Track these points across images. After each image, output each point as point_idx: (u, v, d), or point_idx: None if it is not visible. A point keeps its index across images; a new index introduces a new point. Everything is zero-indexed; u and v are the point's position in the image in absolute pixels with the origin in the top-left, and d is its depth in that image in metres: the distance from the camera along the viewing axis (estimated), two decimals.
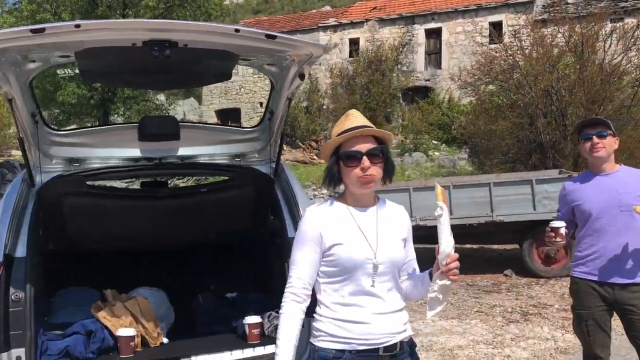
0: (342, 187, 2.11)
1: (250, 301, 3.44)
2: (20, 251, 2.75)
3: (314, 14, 33.91)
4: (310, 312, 2.08)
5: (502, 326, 6.26)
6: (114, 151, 3.26)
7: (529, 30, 14.64)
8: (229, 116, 28.47)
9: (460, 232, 8.76)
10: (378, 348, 2.04)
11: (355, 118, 2.08)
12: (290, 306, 2.05)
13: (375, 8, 28.01)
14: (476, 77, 14.42)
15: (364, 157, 1.99)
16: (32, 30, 2.18)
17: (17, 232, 2.80)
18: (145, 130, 3.23)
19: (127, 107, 22.27)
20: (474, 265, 9.39)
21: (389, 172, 2.08)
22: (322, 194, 12.97)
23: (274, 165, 3.48)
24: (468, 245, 10.48)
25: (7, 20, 20.53)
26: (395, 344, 2.07)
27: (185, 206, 3.47)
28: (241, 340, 3.10)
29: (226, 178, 3.77)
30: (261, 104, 28.10)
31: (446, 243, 1.96)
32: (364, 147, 2.01)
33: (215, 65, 2.82)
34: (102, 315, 2.99)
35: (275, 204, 3.30)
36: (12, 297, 2.65)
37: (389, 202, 2.19)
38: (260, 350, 3.00)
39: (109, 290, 3.21)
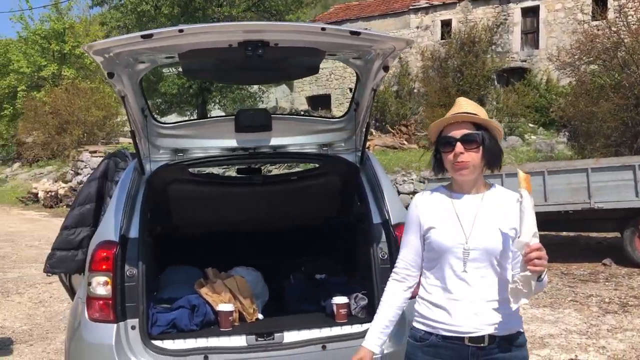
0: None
1: (338, 282, 3.61)
2: (134, 232, 3.08)
3: None
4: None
5: (598, 317, 6.06)
6: (213, 142, 3.54)
7: (636, 4, 13.69)
8: (319, 102, 28.87)
9: (555, 219, 8.60)
10: (463, 337, 2.04)
11: (461, 105, 2.11)
12: (390, 284, 2.25)
13: None
14: (576, 56, 13.72)
15: (457, 143, 2.02)
16: (142, 36, 2.45)
17: (131, 215, 3.13)
18: (240, 122, 3.48)
19: (223, 95, 23.19)
20: (570, 253, 9.08)
21: (490, 160, 2.05)
22: (412, 179, 12.94)
23: (359, 154, 3.62)
24: (564, 233, 10.13)
25: (114, 15, 21.96)
26: (483, 336, 2.02)
27: (278, 192, 3.69)
28: (329, 319, 3.27)
29: (315, 166, 3.95)
30: (351, 89, 28.14)
31: (526, 232, 1.92)
32: (458, 132, 2.04)
33: (303, 61, 3.00)
34: (205, 292, 3.28)
35: (360, 190, 3.44)
36: (127, 273, 2.98)
37: (503, 189, 2.15)
38: (347, 329, 3.17)
39: (209, 269, 3.51)
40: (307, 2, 22.45)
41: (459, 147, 2.02)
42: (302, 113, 22.09)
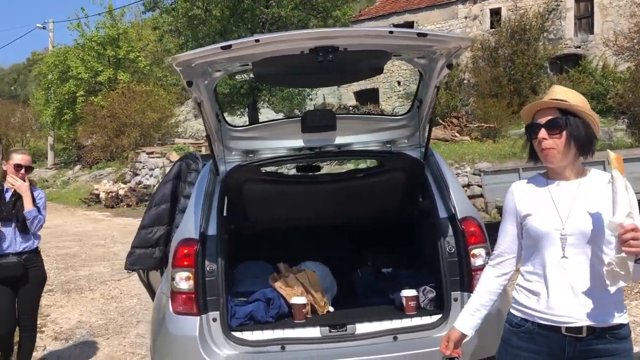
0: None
1: (405, 276, 3.72)
2: (212, 230, 3.27)
3: None
4: None
5: None
6: (281, 142, 3.70)
7: None
8: (367, 97, 28.85)
9: None
10: (560, 327, 2.02)
11: (553, 92, 2.12)
12: (485, 270, 2.32)
13: None
14: (635, 40, 13.31)
15: (541, 129, 2.04)
16: (222, 47, 2.62)
17: (208, 214, 3.33)
18: (307, 123, 3.63)
19: (272, 94, 23.49)
20: None
21: (578, 146, 2.03)
22: (466, 172, 12.83)
23: (423, 150, 3.71)
24: None
25: (166, 19, 22.58)
26: (581, 327, 1.99)
27: (345, 189, 3.82)
28: (399, 311, 3.38)
29: (378, 163, 4.07)
30: (399, 82, 28.11)
31: (619, 212, 1.87)
32: (544, 119, 2.05)
33: (370, 63, 3.11)
34: (278, 285, 3.45)
35: (426, 186, 3.53)
36: (207, 268, 3.17)
37: (601, 173, 2.13)
38: (417, 321, 3.27)
39: (281, 264, 3.67)
40: None
41: (542, 133, 2.04)
42: (351, 109, 22.18)
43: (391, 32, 2.71)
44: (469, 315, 2.29)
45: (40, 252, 4.55)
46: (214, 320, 3.12)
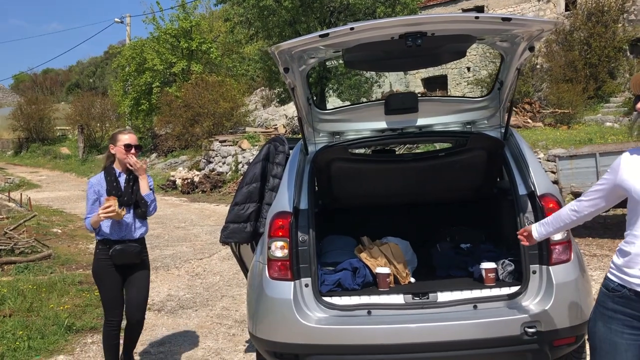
0: None
1: (483, 250, 3.88)
2: (303, 204, 3.56)
3: None
4: None
5: None
6: (365, 124, 3.94)
7: None
8: (435, 83, 28.56)
9: None
10: None
11: None
12: (567, 205, 2.71)
13: None
14: None
15: None
16: (320, 36, 2.88)
17: (300, 190, 3.61)
18: (390, 105, 3.85)
19: (340, 83, 23.72)
20: None
21: None
22: (539, 158, 12.64)
23: (503, 131, 3.85)
24: None
25: (237, 10, 23.19)
26: None
27: (428, 168, 4.01)
28: (478, 282, 3.56)
29: (459, 144, 4.23)
30: (468, 69, 27.65)
31: None
32: None
33: (455, 47, 3.29)
34: (364, 256, 3.71)
35: (506, 164, 3.68)
36: (300, 239, 3.46)
37: None
38: (496, 291, 3.44)
39: (365, 237, 3.93)
40: None
41: None
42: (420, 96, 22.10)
43: (477, 17, 2.88)
44: (540, 225, 2.85)
45: None
46: (306, 285, 3.41)
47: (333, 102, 25.15)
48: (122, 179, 4.19)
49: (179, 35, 28.83)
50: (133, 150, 4.19)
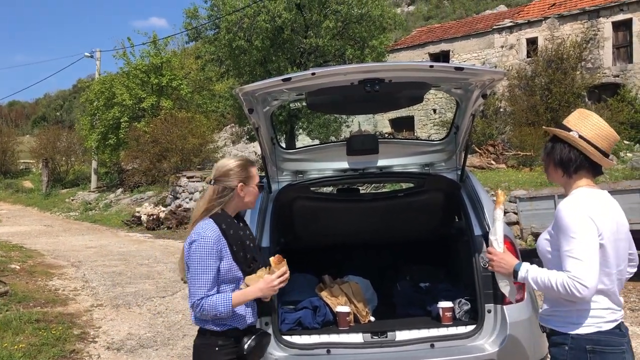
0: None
1: (441, 289, 3.97)
2: (265, 242, 3.59)
3: (487, 16, 33.26)
4: None
5: None
6: (328, 164, 4.04)
7: None
8: (403, 124, 29.16)
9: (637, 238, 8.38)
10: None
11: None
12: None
13: (554, 5, 26.73)
14: None
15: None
16: (283, 80, 2.99)
17: (262, 228, 3.66)
18: (351, 146, 3.97)
19: (309, 122, 24.02)
20: None
21: (560, 168, 2.43)
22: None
23: (459, 173, 3.99)
24: None
25: (208, 49, 23.46)
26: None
27: (387, 207, 4.12)
28: (435, 321, 3.63)
29: (417, 184, 4.36)
30: (435, 110, 28.36)
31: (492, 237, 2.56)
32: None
33: (412, 93, 3.45)
34: (325, 295, 3.74)
35: (462, 206, 3.80)
36: None
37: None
38: (453, 330, 3.50)
39: (326, 276, 3.97)
40: (390, 29, 22.93)
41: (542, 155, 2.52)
42: (387, 136, 22.46)
43: (431, 66, 3.04)
44: (527, 264, 2.47)
45: None
46: (267, 324, 3.41)
47: (302, 140, 25.39)
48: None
49: (149, 71, 28.91)
50: None
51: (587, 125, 2.38)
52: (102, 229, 20.42)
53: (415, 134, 27.52)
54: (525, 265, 2.41)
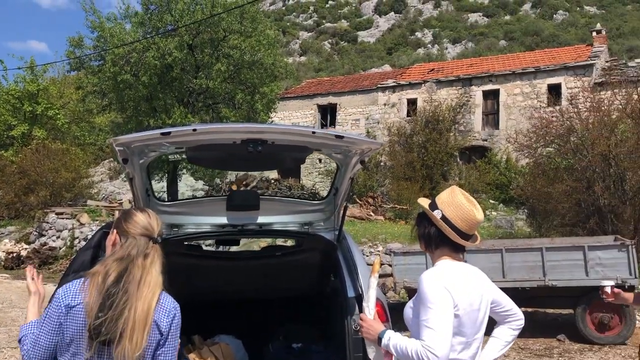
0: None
1: (314, 351, 3.93)
2: None
3: (373, 74, 35.10)
4: None
5: None
6: (206, 219, 3.91)
7: (587, 93, 14.82)
8: (289, 172, 29.46)
9: (513, 295, 8.97)
10: None
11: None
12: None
13: (433, 70, 28.85)
14: (533, 139, 14.61)
15: None
16: (162, 134, 2.87)
17: None
18: (232, 202, 3.88)
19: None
20: (527, 328, 9.44)
21: (424, 242, 2.56)
22: (378, 251, 13.36)
23: (337, 233, 4.04)
24: (522, 308, 10.53)
25: (91, 80, 22.38)
26: None
27: (262, 266, 4.05)
28: None
29: (296, 243, 4.35)
30: (320, 160, 29.03)
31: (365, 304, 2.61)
32: None
33: (294, 155, 3.47)
34: (192, 357, 3.56)
35: (337, 266, 3.84)
36: None
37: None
38: None
39: (196, 336, 3.79)
40: (281, 77, 23.36)
41: None
42: (273, 182, 22.55)
43: (314, 132, 3.08)
44: (390, 331, 2.49)
45: None
46: None
47: (186, 179, 24.74)
48: None
49: (22, 98, 27.03)
50: None
51: (451, 205, 2.49)
52: None
53: (301, 182, 27.89)
54: (389, 333, 2.46)
